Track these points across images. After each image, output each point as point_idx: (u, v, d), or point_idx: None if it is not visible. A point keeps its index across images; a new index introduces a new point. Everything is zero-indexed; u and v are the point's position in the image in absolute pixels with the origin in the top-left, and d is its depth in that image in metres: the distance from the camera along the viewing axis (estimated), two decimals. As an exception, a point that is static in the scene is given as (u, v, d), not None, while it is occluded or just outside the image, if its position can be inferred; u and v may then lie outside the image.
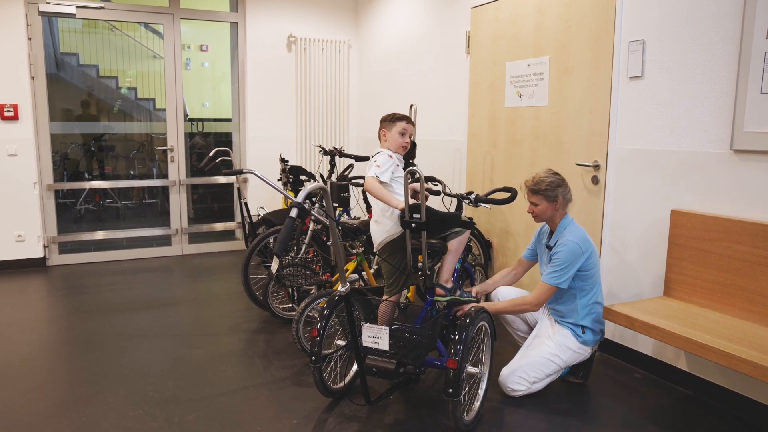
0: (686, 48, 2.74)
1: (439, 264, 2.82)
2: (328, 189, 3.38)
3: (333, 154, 4.08)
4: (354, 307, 2.82)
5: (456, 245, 2.77)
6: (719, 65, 2.60)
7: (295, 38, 5.77)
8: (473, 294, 2.89)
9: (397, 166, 2.74)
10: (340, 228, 3.45)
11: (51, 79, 7.69)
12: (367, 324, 2.37)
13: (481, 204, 3.07)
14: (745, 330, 2.34)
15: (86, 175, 7.52)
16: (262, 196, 5.85)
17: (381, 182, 2.63)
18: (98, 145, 7.63)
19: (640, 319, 2.45)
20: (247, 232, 4.48)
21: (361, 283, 3.65)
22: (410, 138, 2.83)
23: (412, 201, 2.55)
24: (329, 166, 4.11)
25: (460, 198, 2.96)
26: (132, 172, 7.89)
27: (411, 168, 2.43)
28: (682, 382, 2.87)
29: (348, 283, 2.39)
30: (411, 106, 4.11)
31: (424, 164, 4.88)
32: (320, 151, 4.14)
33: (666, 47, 2.84)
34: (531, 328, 2.91)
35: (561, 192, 2.65)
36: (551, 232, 2.76)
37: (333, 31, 6.00)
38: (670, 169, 2.85)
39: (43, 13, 4.92)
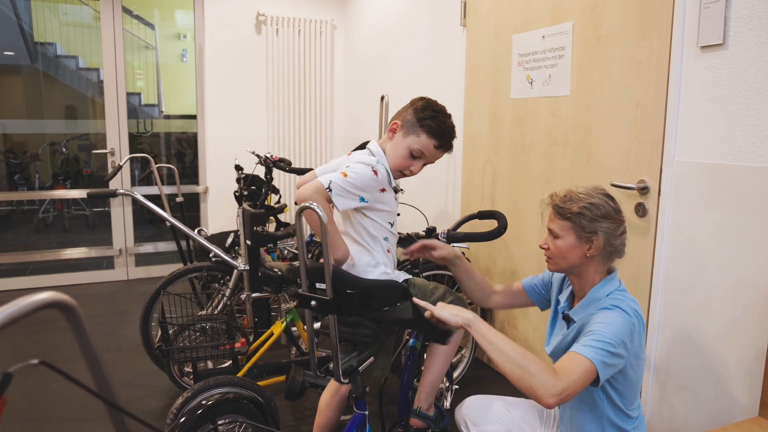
0: (810, -10, 1.56)
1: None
2: (240, 219, 2.30)
3: (267, 163, 3.02)
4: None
5: (445, 350, 1.77)
6: None
7: (265, 17, 4.71)
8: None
9: (382, 191, 1.65)
10: (261, 271, 2.39)
11: (24, 72, 6.90)
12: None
13: (455, 245, 1.98)
14: None
15: (61, 179, 6.67)
16: (222, 213, 4.81)
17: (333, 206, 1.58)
18: (77, 145, 6.76)
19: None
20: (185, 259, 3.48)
21: (294, 350, 2.58)
22: (420, 169, 1.76)
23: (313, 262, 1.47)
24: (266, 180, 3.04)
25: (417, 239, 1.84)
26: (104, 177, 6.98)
27: (303, 205, 1.35)
28: None
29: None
30: (382, 98, 3.01)
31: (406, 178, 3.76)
32: (257, 161, 3.09)
33: (770, -8, 1.66)
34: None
35: (605, 229, 1.44)
36: (574, 297, 1.60)
37: (313, 8, 4.91)
38: (773, 202, 1.68)
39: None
